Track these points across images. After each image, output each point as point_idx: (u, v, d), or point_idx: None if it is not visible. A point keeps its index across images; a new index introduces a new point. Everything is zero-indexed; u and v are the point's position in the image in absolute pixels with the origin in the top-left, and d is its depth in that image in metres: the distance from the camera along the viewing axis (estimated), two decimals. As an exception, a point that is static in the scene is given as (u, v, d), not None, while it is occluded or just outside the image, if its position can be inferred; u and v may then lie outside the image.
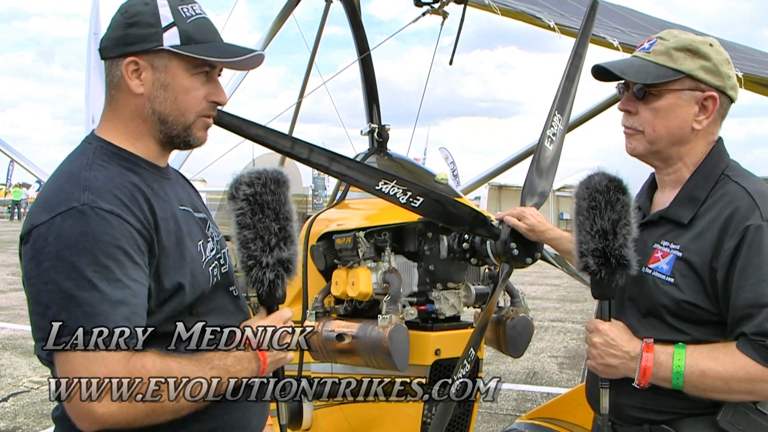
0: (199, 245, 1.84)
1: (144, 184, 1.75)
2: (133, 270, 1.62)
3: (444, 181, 3.39)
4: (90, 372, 1.55)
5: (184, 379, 1.63)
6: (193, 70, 1.81)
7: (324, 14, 5.44)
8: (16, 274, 16.58)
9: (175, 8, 1.79)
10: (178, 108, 1.81)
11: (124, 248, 1.61)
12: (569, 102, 2.98)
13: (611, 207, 1.96)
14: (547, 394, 7.31)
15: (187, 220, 1.84)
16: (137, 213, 1.67)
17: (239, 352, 1.77)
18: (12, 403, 6.74)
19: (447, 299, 3.24)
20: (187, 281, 1.74)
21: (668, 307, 1.95)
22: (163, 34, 1.77)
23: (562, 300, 14.25)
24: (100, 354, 1.55)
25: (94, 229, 1.59)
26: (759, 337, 1.81)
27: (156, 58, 1.78)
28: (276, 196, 1.82)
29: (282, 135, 2.64)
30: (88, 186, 1.65)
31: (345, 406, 3.41)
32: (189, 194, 1.99)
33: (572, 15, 4.04)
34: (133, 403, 1.57)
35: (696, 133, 2.03)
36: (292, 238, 1.84)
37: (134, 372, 1.57)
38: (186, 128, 1.84)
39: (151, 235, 1.68)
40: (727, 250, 1.87)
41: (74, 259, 1.57)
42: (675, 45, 2.01)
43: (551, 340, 10.05)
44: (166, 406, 1.61)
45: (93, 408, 1.54)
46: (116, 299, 1.57)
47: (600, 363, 2.00)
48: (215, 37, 1.85)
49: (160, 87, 1.79)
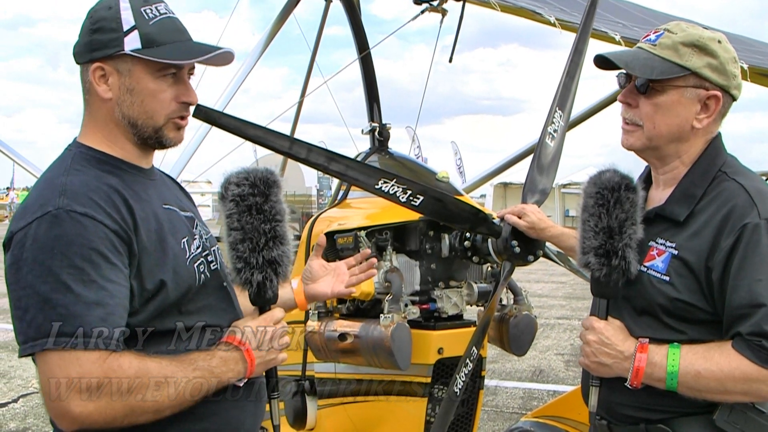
0: (183, 242, 1.83)
1: (123, 186, 1.76)
2: (110, 271, 1.63)
3: (445, 179, 3.38)
4: (65, 372, 1.56)
5: (164, 379, 1.64)
6: (158, 72, 1.80)
7: (324, 14, 5.44)
8: (23, 277, 16.67)
9: (138, 11, 1.79)
10: (146, 111, 1.81)
11: (99, 250, 1.62)
12: (570, 98, 2.96)
13: (620, 205, 1.94)
14: (553, 391, 7.28)
15: (170, 219, 1.84)
16: (113, 214, 1.67)
17: (225, 353, 1.78)
18: (22, 404, 6.79)
19: (449, 298, 3.23)
20: (169, 278, 1.74)
21: (663, 305, 1.92)
22: (125, 39, 1.77)
23: (569, 297, 14.21)
24: (74, 354, 1.56)
25: (68, 232, 1.61)
26: (755, 337, 1.77)
27: (120, 62, 1.78)
28: (264, 196, 1.82)
29: (280, 135, 2.63)
30: (64, 191, 1.67)
31: (348, 406, 3.41)
32: (175, 194, 1.98)
33: (573, 10, 4.01)
34: (110, 403, 1.58)
35: (695, 132, 2.00)
36: (282, 238, 1.84)
37: (110, 372, 1.58)
38: (156, 130, 1.84)
39: (129, 235, 1.68)
40: (724, 249, 1.84)
41: (49, 263, 1.58)
42: (683, 40, 1.96)
43: (557, 338, 10.01)
44: (146, 406, 1.62)
45: (70, 408, 1.56)
46: (91, 300, 1.58)
47: (593, 361, 1.98)
48: (180, 36, 1.84)
49: (126, 91, 1.80)
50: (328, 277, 2.29)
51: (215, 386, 1.74)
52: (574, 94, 2.99)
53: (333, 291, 2.29)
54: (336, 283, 2.28)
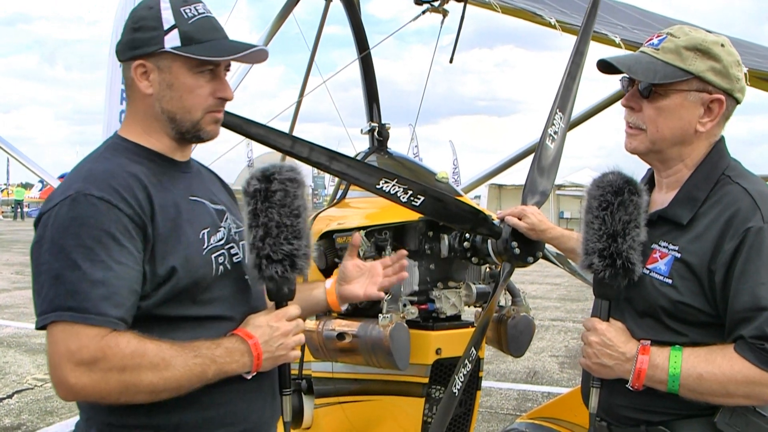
0: (203, 233, 1.88)
1: (148, 175, 1.83)
2: (119, 253, 1.69)
3: (445, 180, 3.38)
4: (65, 345, 1.64)
5: (161, 361, 1.69)
6: (196, 69, 1.88)
7: (324, 13, 5.43)
8: (20, 273, 16.58)
9: (177, 10, 1.87)
10: (184, 106, 1.89)
11: (111, 232, 1.69)
12: (571, 100, 2.96)
13: (624, 208, 1.94)
14: (547, 393, 7.30)
15: (193, 209, 1.90)
16: (130, 200, 1.74)
17: (231, 344, 1.81)
18: (16, 400, 6.78)
19: (448, 298, 3.23)
20: (180, 264, 1.79)
21: (665, 308, 1.92)
22: (165, 37, 1.85)
23: (563, 299, 14.23)
24: (75, 328, 1.64)
25: (83, 214, 1.70)
26: (758, 340, 1.78)
27: (160, 59, 1.87)
28: (284, 192, 1.86)
29: (282, 134, 2.63)
30: (87, 176, 1.77)
31: (346, 405, 3.41)
32: (208, 187, 2.04)
33: (573, 12, 4.01)
34: (104, 378, 1.65)
35: (699, 135, 2.00)
36: (299, 234, 1.87)
37: (106, 349, 1.64)
38: (194, 124, 1.92)
39: (144, 221, 1.75)
40: (727, 252, 1.84)
41: (63, 242, 1.68)
42: (685, 44, 1.96)
43: (552, 340, 10.04)
44: (141, 385, 1.68)
45: (67, 378, 1.65)
46: (97, 279, 1.66)
47: (595, 362, 1.98)
48: (217, 34, 1.91)
49: (166, 87, 1.88)
50: (363, 278, 2.25)
51: (215, 375, 1.77)
52: (575, 95, 2.99)
53: (365, 293, 2.25)
54: (369, 285, 2.24)
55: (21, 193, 43.58)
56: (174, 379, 1.71)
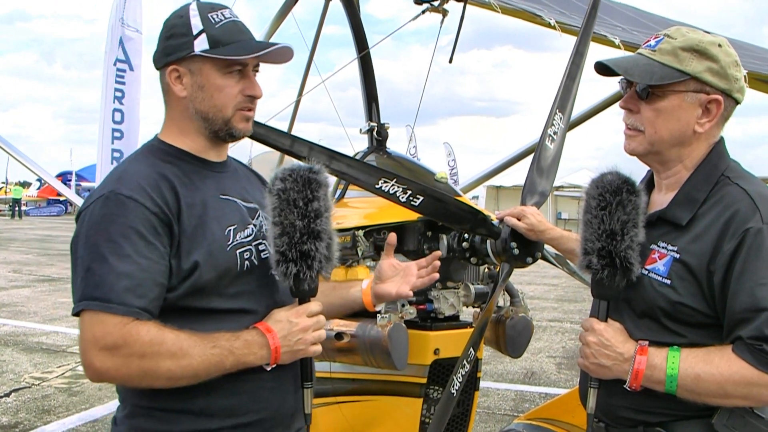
0: (229, 230, 1.99)
1: (178, 174, 1.96)
2: (145, 248, 1.82)
3: (444, 180, 3.38)
4: (91, 331, 1.78)
5: (179, 350, 1.80)
6: (225, 69, 1.99)
7: (323, 13, 5.43)
8: (17, 271, 16.59)
9: (205, 16, 2.00)
10: (215, 105, 2.00)
11: (137, 228, 1.82)
12: (570, 101, 2.96)
13: (622, 208, 1.94)
14: (545, 394, 7.30)
15: (221, 207, 2.00)
16: (157, 199, 1.87)
17: (251, 337, 1.90)
18: (14, 399, 6.77)
19: (446, 298, 3.23)
20: (203, 259, 1.90)
21: (664, 309, 1.92)
22: (194, 42, 1.98)
23: (561, 300, 14.23)
24: (100, 316, 1.77)
25: (113, 212, 1.84)
26: (756, 341, 1.77)
27: (191, 63, 2.00)
28: (304, 192, 1.92)
29: (282, 133, 2.63)
30: (120, 177, 1.92)
31: (344, 405, 3.40)
32: (243, 186, 2.14)
33: (573, 13, 4.01)
34: (126, 363, 1.77)
35: (698, 136, 1.99)
36: (318, 234, 1.92)
37: (127, 336, 1.76)
38: (226, 122, 2.02)
39: (170, 218, 1.87)
40: (726, 253, 1.83)
41: (94, 237, 1.83)
42: (682, 45, 1.96)
43: (549, 340, 10.04)
44: (159, 372, 1.80)
45: (92, 361, 1.78)
46: (122, 272, 1.78)
47: (593, 362, 1.97)
48: (243, 36, 2.02)
49: (198, 88, 2.00)
50: (397, 278, 2.29)
51: (232, 365, 1.86)
52: (575, 96, 2.99)
53: (398, 292, 2.28)
54: (402, 285, 2.28)
55: (19, 191, 43.49)
56: (191, 368, 1.81)
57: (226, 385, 1.90)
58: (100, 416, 6.37)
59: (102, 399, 6.83)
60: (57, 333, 9.88)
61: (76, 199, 7.03)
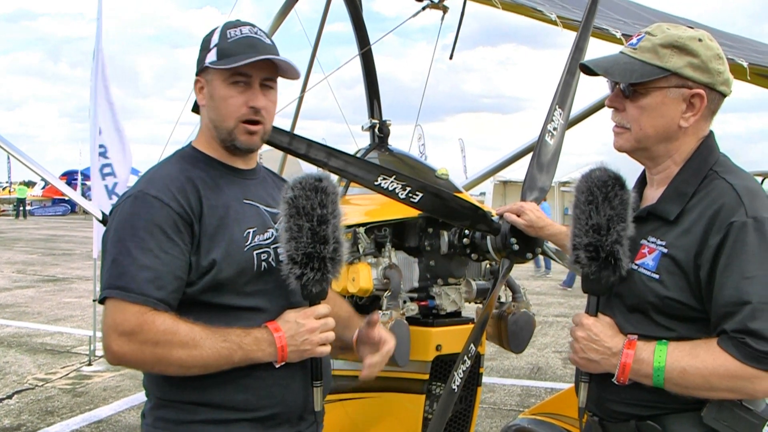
0: (249, 232, 2.10)
1: (204, 178, 2.09)
2: (167, 244, 1.95)
3: (444, 176, 3.37)
4: (112, 317, 1.92)
5: (191, 341, 1.91)
6: (229, 79, 2.08)
7: (325, 10, 5.43)
8: (21, 271, 16.64)
9: (224, 32, 2.12)
10: (220, 115, 2.12)
11: (161, 226, 1.96)
12: (570, 96, 2.95)
13: (608, 202, 1.95)
14: (550, 389, 7.30)
15: (243, 211, 2.12)
16: (181, 200, 2.00)
17: (260, 334, 2.00)
18: (17, 401, 6.78)
19: (448, 295, 3.23)
20: (220, 257, 2.01)
21: (654, 303, 1.93)
22: (207, 55, 2.12)
23: (567, 295, 14.22)
24: (121, 304, 1.91)
25: (139, 210, 1.98)
26: (740, 334, 1.77)
27: (206, 74, 2.14)
28: (312, 200, 2.00)
29: (280, 131, 2.63)
30: (150, 178, 2.07)
31: (346, 402, 3.40)
32: (269, 193, 2.24)
33: (574, 7, 3.99)
34: (141, 349, 1.90)
35: (684, 131, 2.00)
36: (325, 240, 2.00)
37: (143, 324, 1.89)
38: (229, 132, 2.12)
39: (192, 219, 2.00)
40: (711, 247, 1.84)
41: (121, 232, 1.98)
42: (662, 41, 1.98)
43: (555, 336, 10.01)
44: (171, 359, 1.92)
45: (111, 345, 1.92)
46: (143, 264, 1.92)
47: (582, 357, 2.00)
48: (251, 50, 2.07)
49: (209, 98, 2.14)
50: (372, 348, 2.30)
51: (241, 360, 1.97)
52: (575, 92, 2.98)
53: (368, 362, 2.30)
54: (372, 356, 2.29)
55: (23, 191, 43.57)
56: (201, 358, 1.93)
57: (241, 380, 2.02)
58: (104, 417, 6.38)
59: (106, 399, 6.84)
60: (61, 333, 9.91)
61: (79, 198, 7.02)
